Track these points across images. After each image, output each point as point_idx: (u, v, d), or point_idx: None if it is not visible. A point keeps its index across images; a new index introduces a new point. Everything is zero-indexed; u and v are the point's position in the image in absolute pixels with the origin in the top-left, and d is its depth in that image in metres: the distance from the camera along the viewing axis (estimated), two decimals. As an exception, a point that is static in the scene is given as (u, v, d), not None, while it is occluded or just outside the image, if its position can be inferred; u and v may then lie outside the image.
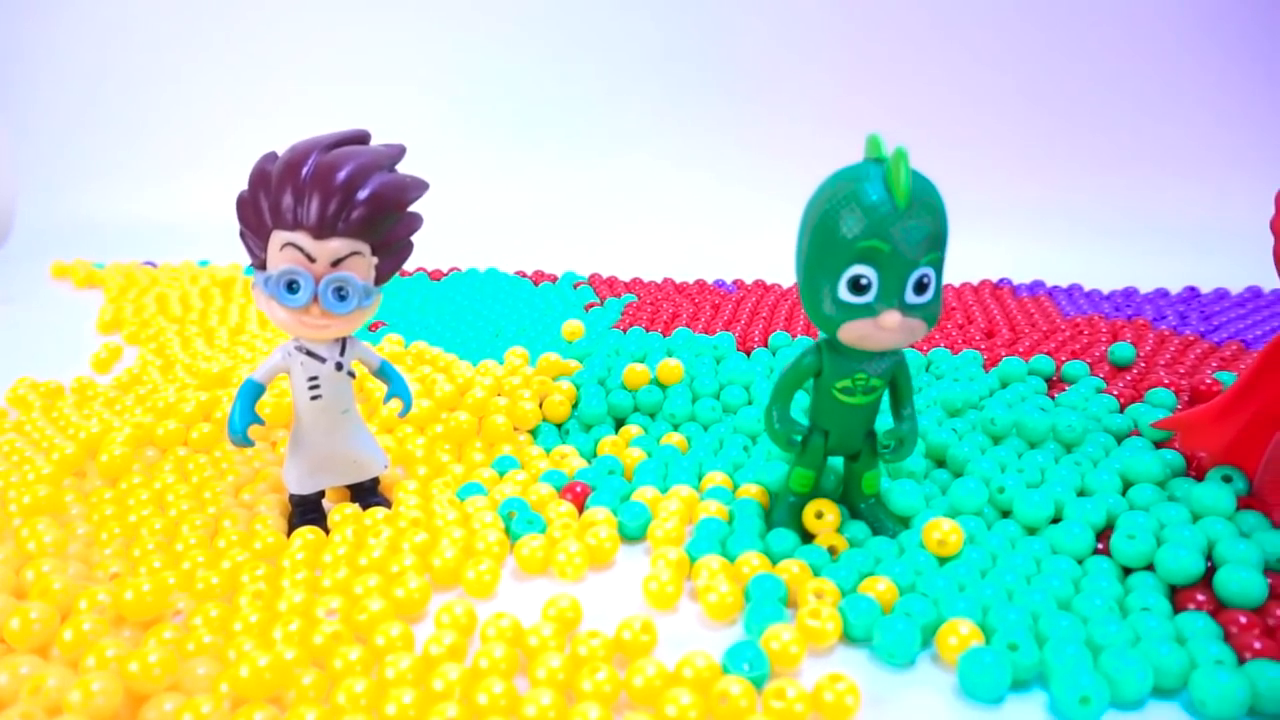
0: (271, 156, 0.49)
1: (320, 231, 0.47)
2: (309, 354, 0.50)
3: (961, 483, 0.52)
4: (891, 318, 0.43)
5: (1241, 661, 0.40)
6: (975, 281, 1.02)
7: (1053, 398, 0.67)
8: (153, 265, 1.15)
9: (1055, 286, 0.99)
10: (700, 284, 1.01)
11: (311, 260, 0.47)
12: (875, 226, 0.42)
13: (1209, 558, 0.46)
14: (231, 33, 1.50)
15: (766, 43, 1.45)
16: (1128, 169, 1.36)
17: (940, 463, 0.58)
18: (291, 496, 0.53)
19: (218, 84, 1.50)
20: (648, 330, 0.83)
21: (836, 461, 0.53)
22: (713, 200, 1.40)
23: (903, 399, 0.49)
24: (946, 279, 1.00)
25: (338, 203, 0.47)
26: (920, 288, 0.44)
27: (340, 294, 0.48)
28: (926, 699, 0.40)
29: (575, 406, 0.66)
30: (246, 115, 1.49)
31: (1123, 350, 0.75)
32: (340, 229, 0.47)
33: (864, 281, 0.43)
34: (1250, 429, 0.51)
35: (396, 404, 0.54)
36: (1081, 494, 0.53)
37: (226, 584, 0.46)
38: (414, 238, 0.53)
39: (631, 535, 0.52)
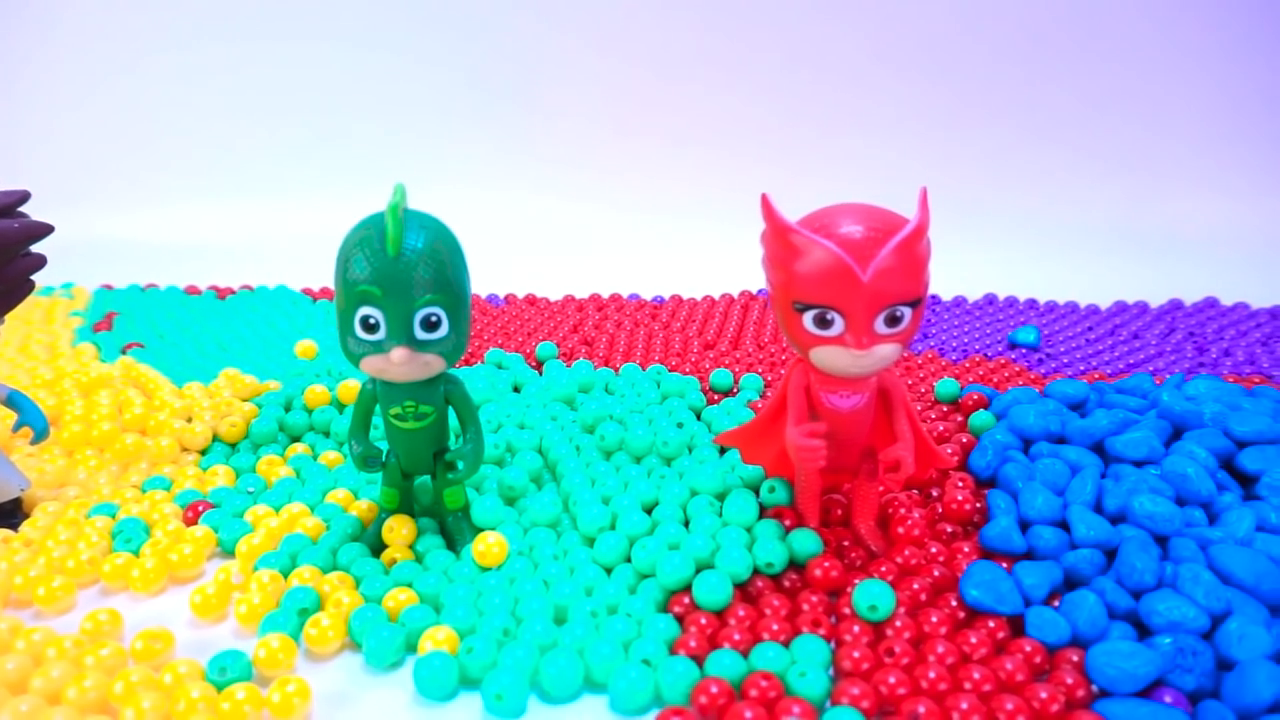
0: None
1: None
2: (-81, 389, 0.55)
3: (537, 496, 0.57)
4: (399, 354, 0.48)
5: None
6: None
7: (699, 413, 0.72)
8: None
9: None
10: (474, 298, 1.06)
11: None
12: (370, 272, 0.47)
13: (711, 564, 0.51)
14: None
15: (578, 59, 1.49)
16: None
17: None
18: (-77, 521, 0.57)
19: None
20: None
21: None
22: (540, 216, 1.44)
23: (465, 421, 0.54)
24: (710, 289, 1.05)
25: (-76, 249, 0.51)
26: (430, 326, 0.48)
27: (-72, 335, 0.52)
28: (390, 699, 0.44)
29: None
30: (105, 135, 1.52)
31: (806, 363, 0.80)
32: None
33: (372, 321, 0.48)
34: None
35: (27, 432, 0.59)
36: (654, 507, 0.57)
37: None
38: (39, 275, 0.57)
39: (231, 550, 0.56)
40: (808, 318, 0.46)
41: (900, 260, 0.45)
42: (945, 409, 0.74)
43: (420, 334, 0.48)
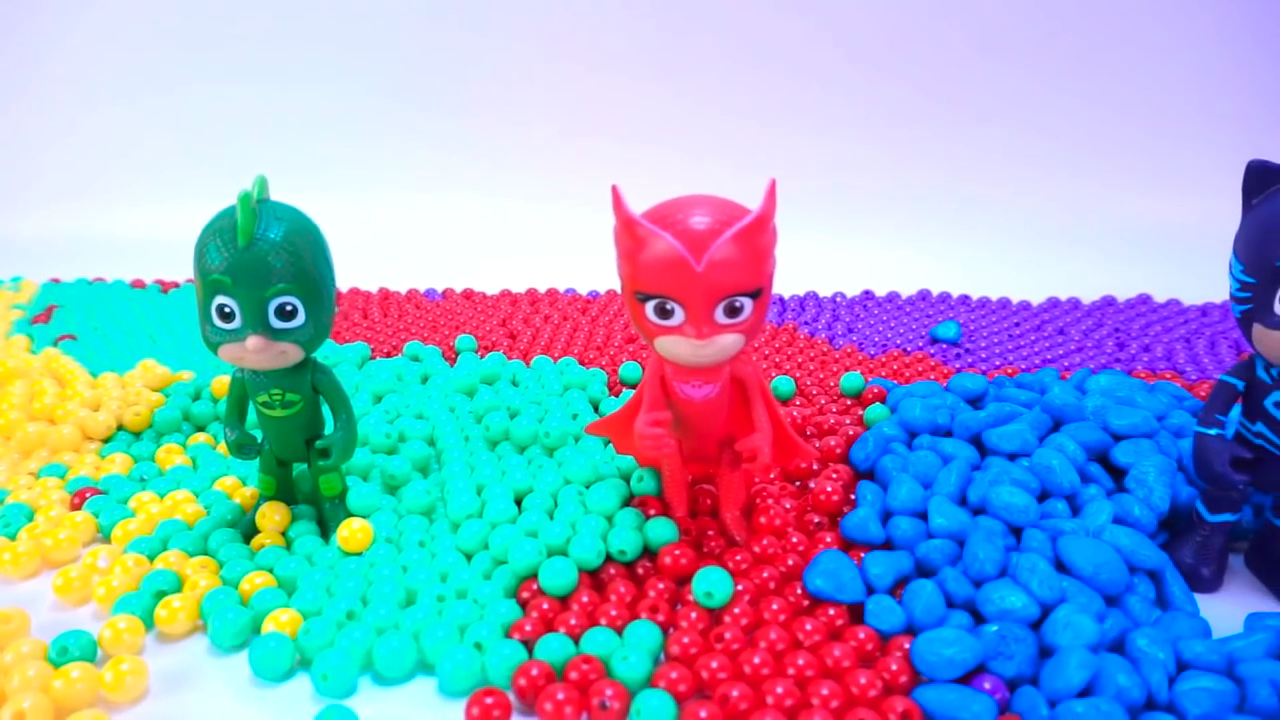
0: None
1: None
2: None
3: (413, 484, 0.58)
4: (255, 342, 0.49)
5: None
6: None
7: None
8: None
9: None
10: (412, 292, 1.07)
11: None
12: (221, 262, 0.48)
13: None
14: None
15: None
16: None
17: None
18: None
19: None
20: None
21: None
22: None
23: (335, 409, 0.55)
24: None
25: None
26: (285, 315, 0.49)
27: None
28: (230, 679, 0.45)
29: (164, 416, 0.71)
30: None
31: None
32: None
33: (227, 310, 0.49)
34: (659, 435, 0.56)
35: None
36: (526, 494, 0.58)
37: None
38: None
39: (109, 536, 0.57)
40: (649, 308, 0.47)
41: (737, 251, 0.45)
42: (849, 402, 0.74)
43: (275, 323, 0.49)
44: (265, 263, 0.48)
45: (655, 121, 1.44)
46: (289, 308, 0.49)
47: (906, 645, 0.45)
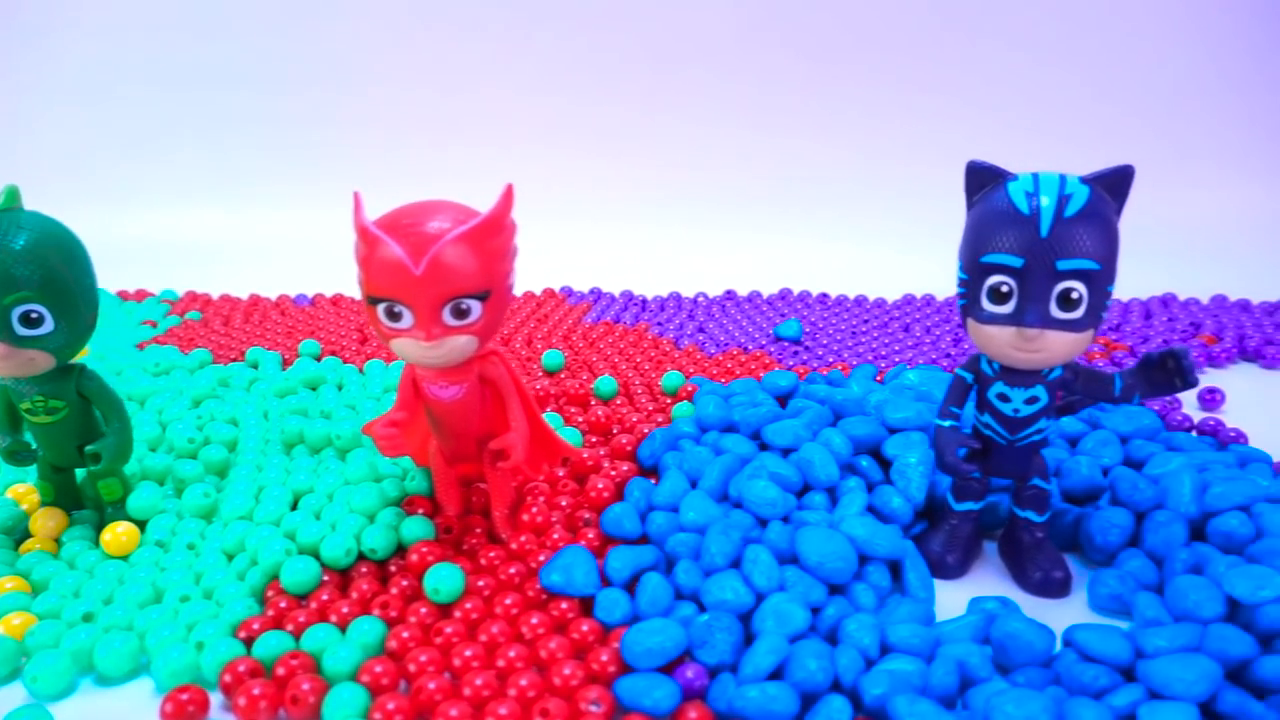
0: None
1: None
2: None
3: (190, 489, 0.59)
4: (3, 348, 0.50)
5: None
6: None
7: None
8: None
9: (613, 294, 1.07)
10: (282, 298, 1.08)
11: None
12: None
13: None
14: None
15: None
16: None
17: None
18: None
19: None
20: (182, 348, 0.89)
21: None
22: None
23: (106, 415, 0.56)
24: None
25: None
26: (30, 322, 0.50)
27: None
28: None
29: None
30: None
31: (552, 357, 0.82)
32: None
33: None
34: (427, 436, 0.57)
35: None
36: (306, 494, 0.59)
37: None
38: None
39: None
40: (380, 311, 0.48)
41: (461, 255, 0.46)
42: (668, 401, 0.75)
43: (20, 330, 0.50)
44: (5, 271, 0.48)
45: (554, 128, 1.46)
46: (33, 315, 0.50)
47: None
